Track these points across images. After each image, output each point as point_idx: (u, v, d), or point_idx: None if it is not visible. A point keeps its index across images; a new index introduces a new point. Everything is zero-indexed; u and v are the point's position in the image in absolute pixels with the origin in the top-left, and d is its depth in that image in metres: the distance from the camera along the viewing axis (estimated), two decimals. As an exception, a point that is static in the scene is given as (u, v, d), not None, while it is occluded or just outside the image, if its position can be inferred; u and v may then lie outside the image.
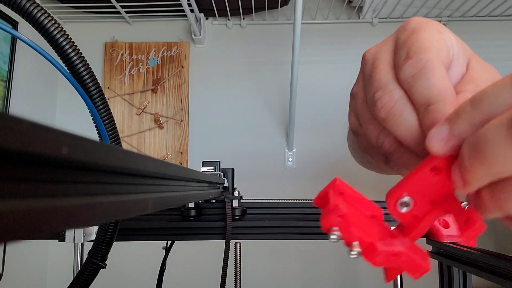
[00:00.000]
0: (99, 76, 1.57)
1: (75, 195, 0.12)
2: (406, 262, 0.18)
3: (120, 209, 0.15)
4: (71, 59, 0.31)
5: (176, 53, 1.59)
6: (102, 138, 0.35)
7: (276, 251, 1.51)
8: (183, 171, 0.26)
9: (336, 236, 0.18)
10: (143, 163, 0.17)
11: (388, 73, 0.22)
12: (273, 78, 1.59)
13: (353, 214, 0.19)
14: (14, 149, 0.08)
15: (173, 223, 0.56)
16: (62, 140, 0.10)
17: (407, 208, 0.19)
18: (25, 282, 1.36)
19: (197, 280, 1.48)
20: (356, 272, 1.51)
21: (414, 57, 0.21)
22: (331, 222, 0.18)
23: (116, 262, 1.11)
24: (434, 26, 0.23)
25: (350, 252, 0.18)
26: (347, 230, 0.18)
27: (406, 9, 1.48)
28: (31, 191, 0.10)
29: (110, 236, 0.39)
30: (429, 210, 0.19)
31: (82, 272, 0.39)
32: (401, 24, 0.24)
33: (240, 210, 0.57)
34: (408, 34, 0.23)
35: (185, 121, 1.56)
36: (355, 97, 0.26)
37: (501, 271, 0.35)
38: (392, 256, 0.18)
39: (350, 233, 0.18)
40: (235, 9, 1.49)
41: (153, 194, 0.20)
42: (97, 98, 0.33)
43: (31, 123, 0.09)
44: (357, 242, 0.18)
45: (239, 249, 0.52)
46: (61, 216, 0.11)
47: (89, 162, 0.12)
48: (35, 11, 0.30)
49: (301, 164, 1.53)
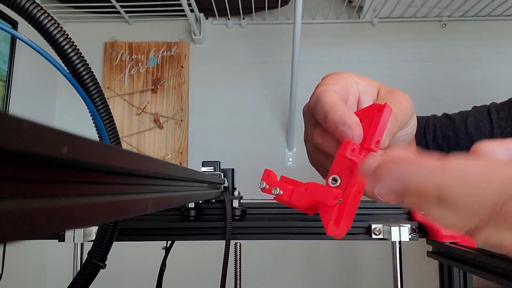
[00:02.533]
0: (99, 76, 1.57)
1: (75, 195, 0.12)
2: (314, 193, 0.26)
3: (120, 209, 0.15)
4: (71, 59, 0.31)
5: (176, 53, 1.59)
6: (102, 138, 0.35)
7: (276, 251, 1.51)
8: (183, 171, 0.26)
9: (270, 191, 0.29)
10: (143, 163, 0.17)
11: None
12: (273, 78, 1.59)
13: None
14: (14, 149, 0.08)
15: (173, 223, 0.56)
16: (62, 140, 0.10)
17: (336, 183, 0.26)
18: (25, 282, 1.36)
19: (197, 280, 1.48)
20: (356, 272, 1.51)
21: (314, 93, 0.31)
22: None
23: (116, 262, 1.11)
24: (337, 73, 0.32)
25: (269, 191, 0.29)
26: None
27: (406, 9, 1.48)
28: (31, 191, 0.10)
29: (110, 236, 0.39)
30: (351, 177, 0.26)
31: (82, 272, 0.39)
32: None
33: (240, 210, 0.57)
34: (317, 85, 0.32)
35: (185, 121, 1.56)
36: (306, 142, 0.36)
37: (502, 271, 0.35)
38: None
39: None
40: (235, 9, 1.49)
41: (153, 194, 0.20)
42: (96, 98, 0.33)
43: (30, 123, 0.09)
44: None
45: (239, 249, 0.52)
46: (61, 216, 0.11)
47: (89, 162, 0.12)
48: (35, 11, 0.30)
49: (301, 164, 1.53)
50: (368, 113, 0.26)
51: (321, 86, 0.30)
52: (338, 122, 0.26)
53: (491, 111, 0.60)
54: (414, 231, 0.50)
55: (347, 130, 0.25)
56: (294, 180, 0.29)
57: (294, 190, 0.27)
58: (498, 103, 0.61)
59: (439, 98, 1.53)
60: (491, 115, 0.60)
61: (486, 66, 1.55)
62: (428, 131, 0.64)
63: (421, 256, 0.59)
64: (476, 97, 1.54)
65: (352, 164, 0.25)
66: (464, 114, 0.64)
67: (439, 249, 0.48)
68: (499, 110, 0.60)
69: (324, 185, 0.26)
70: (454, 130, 0.62)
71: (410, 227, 0.49)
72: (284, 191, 0.28)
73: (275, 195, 0.28)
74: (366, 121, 0.26)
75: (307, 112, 0.33)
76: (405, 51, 1.58)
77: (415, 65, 1.57)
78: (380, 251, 1.48)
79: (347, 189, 0.25)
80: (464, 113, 0.64)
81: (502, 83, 1.54)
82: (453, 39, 1.57)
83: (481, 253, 0.39)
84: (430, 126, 0.64)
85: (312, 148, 0.33)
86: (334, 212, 0.25)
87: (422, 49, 1.58)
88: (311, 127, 0.30)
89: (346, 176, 0.25)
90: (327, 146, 0.29)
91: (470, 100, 1.61)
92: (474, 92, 1.54)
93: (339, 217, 0.25)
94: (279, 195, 0.28)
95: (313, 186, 0.26)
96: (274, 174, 0.30)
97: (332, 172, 0.26)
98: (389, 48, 1.59)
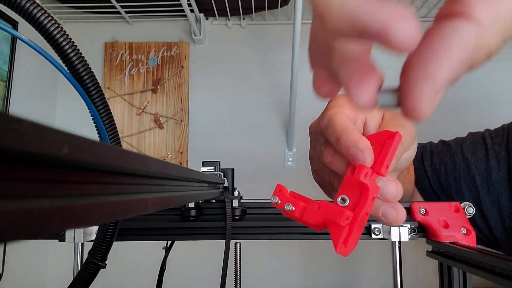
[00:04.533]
0: (99, 76, 1.57)
1: (75, 195, 0.12)
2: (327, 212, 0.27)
3: (120, 209, 0.15)
4: (71, 59, 0.31)
5: (176, 53, 1.59)
6: (102, 138, 0.35)
7: (276, 251, 1.51)
8: (183, 171, 0.26)
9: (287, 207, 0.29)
10: (143, 163, 0.17)
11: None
12: (273, 77, 1.59)
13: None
14: (14, 149, 0.08)
15: (173, 223, 0.56)
16: (62, 140, 0.10)
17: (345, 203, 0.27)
18: (25, 282, 1.36)
19: (197, 280, 1.48)
20: (356, 272, 1.51)
21: (324, 115, 0.32)
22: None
23: (116, 262, 1.11)
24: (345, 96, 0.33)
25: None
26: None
27: (406, 9, 1.48)
28: (31, 191, 0.10)
29: (110, 236, 0.39)
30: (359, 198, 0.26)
31: (82, 272, 0.39)
32: None
33: (240, 210, 0.57)
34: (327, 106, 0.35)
35: (185, 121, 1.56)
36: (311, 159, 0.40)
37: (501, 271, 0.35)
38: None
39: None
40: (235, 9, 1.49)
41: (153, 194, 0.20)
42: (96, 98, 0.33)
43: (31, 123, 0.09)
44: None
45: (239, 249, 0.52)
46: (61, 216, 0.11)
47: (89, 162, 0.12)
48: (35, 11, 0.30)
49: (301, 164, 1.53)
50: (379, 139, 0.27)
51: (332, 108, 0.32)
52: (351, 146, 0.27)
53: (485, 136, 0.63)
54: (414, 231, 0.50)
55: (359, 154, 0.26)
56: (304, 196, 0.30)
57: (306, 208, 0.28)
58: (492, 130, 0.65)
59: (439, 98, 1.53)
60: (485, 141, 0.63)
61: (486, 66, 1.55)
62: (425, 157, 0.67)
63: (421, 256, 0.59)
64: (476, 98, 1.54)
65: (362, 187, 0.26)
66: (459, 140, 0.67)
67: (438, 248, 0.48)
68: (493, 136, 0.63)
69: (336, 205, 0.27)
70: (451, 155, 0.64)
71: (409, 227, 0.49)
72: (296, 207, 0.29)
73: (287, 211, 0.29)
74: (376, 146, 0.27)
75: (317, 131, 0.34)
76: (405, 51, 1.58)
77: (415, 65, 1.57)
78: (380, 251, 1.48)
79: (357, 210, 0.26)
80: (459, 140, 0.67)
81: (502, 84, 1.54)
82: (453, 39, 1.57)
83: (481, 253, 0.39)
84: (427, 152, 0.67)
85: (319, 166, 0.35)
86: (344, 232, 0.26)
87: (422, 49, 1.58)
88: (321, 146, 0.32)
89: (354, 197, 0.26)
90: (336, 166, 0.30)
91: (470, 100, 1.61)
92: (474, 92, 1.54)
93: (348, 237, 0.26)
94: (291, 211, 0.29)
95: (326, 205, 0.27)
96: (285, 189, 0.31)
97: (342, 192, 0.27)
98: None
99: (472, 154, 0.62)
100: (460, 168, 0.62)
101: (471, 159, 0.62)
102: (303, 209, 0.28)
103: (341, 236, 0.26)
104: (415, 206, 0.51)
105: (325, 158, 0.31)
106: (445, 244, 0.46)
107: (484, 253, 0.38)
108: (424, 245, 0.52)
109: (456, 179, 0.63)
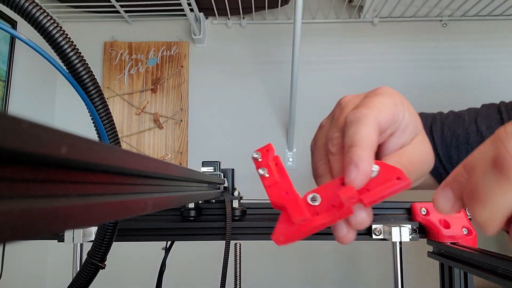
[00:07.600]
0: (99, 76, 1.57)
1: (75, 195, 0.12)
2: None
3: (119, 209, 0.15)
4: (70, 58, 0.31)
5: (175, 53, 1.58)
6: (101, 138, 0.35)
7: (276, 251, 1.51)
8: (182, 171, 0.26)
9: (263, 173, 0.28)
10: (142, 163, 0.17)
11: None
12: (273, 77, 1.59)
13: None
14: (13, 149, 0.08)
15: (172, 223, 0.55)
16: (61, 140, 0.10)
17: (314, 202, 0.26)
18: (24, 282, 1.36)
19: (197, 280, 1.48)
20: (356, 272, 1.51)
21: (357, 108, 0.28)
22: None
23: (116, 262, 1.11)
24: (393, 95, 0.30)
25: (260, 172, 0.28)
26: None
27: (407, 9, 1.48)
28: (31, 191, 0.10)
29: (110, 237, 0.39)
30: (328, 209, 0.25)
31: (81, 272, 0.39)
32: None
33: (240, 211, 0.57)
34: (371, 93, 0.30)
35: (184, 121, 1.56)
36: (321, 127, 0.34)
37: (503, 271, 0.35)
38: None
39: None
40: (235, 8, 1.49)
41: (152, 195, 0.20)
42: (96, 98, 0.33)
43: (30, 123, 0.09)
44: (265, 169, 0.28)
45: (239, 250, 0.52)
46: (60, 216, 0.11)
47: (88, 162, 0.12)
48: (34, 10, 0.30)
49: (301, 164, 1.53)
50: (389, 172, 0.25)
51: (368, 106, 0.28)
52: (353, 160, 0.25)
53: (501, 110, 0.60)
54: (415, 231, 0.50)
55: (353, 172, 0.25)
56: (285, 172, 0.28)
57: (277, 184, 0.27)
58: (507, 102, 0.60)
59: (440, 98, 1.53)
60: (502, 114, 0.59)
61: (487, 66, 1.55)
62: (435, 128, 0.62)
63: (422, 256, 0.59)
64: (478, 97, 1.54)
65: (340, 205, 0.25)
66: (473, 112, 0.62)
67: (439, 249, 0.48)
68: (509, 110, 0.59)
69: (302, 200, 0.26)
70: (464, 128, 0.60)
71: (410, 228, 0.49)
72: (270, 175, 0.28)
73: (260, 174, 0.28)
74: (382, 175, 0.25)
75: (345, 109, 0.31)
76: (406, 50, 1.58)
77: (416, 65, 1.57)
78: (381, 251, 1.48)
79: (319, 218, 0.25)
80: (472, 111, 0.62)
81: (504, 83, 1.54)
82: (454, 38, 1.57)
83: (482, 254, 0.39)
84: (438, 123, 0.63)
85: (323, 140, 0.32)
86: (293, 227, 0.25)
87: (423, 49, 1.58)
88: (336, 130, 0.29)
89: (326, 203, 0.25)
90: (333, 162, 0.29)
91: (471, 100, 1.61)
92: (475, 91, 1.54)
93: (292, 233, 0.25)
94: (263, 176, 0.28)
95: (293, 196, 0.26)
96: (273, 153, 0.30)
97: (318, 190, 0.26)
98: (389, 48, 1.59)
99: (488, 129, 0.58)
100: (474, 143, 0.59)
101: (486, 134, 0.58)
102: (273, 182, 0.27)
103: (288, 229, 0.25)
104: (416, 206, 0.51)
105: (330, 144, 0.29)
106: (446, 244, 0.46)
107: (486, 253, 0.38)
108: (425, 246, 0.52)
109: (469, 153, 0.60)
